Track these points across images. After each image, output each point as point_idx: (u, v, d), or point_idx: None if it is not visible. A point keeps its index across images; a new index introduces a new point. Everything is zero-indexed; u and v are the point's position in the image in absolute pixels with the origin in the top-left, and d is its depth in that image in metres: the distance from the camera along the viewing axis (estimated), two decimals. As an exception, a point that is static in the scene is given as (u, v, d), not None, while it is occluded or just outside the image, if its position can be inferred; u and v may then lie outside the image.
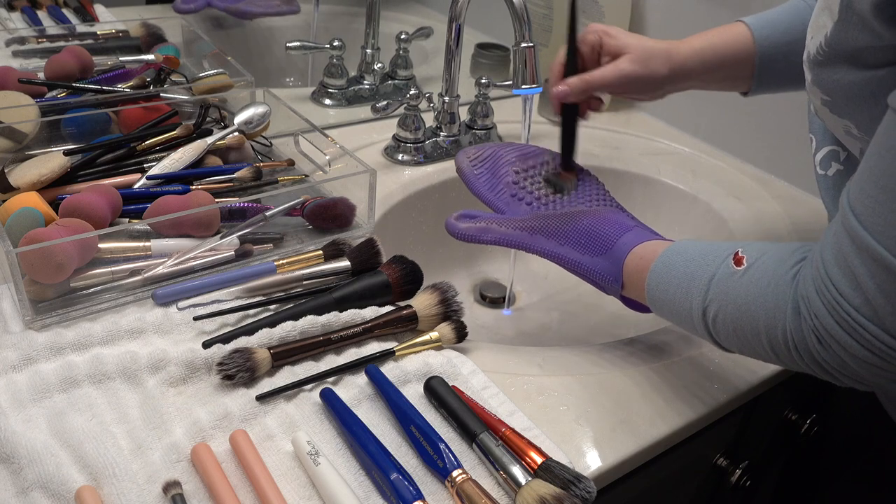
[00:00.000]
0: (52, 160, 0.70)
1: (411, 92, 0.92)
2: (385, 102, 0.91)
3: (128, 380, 0.56)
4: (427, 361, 0.60)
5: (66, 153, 0.72)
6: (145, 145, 0.77)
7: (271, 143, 0.87)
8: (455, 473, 0.49)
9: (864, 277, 0.43)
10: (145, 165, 0.76)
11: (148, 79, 0.90)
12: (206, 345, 0.59)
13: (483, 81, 0.98)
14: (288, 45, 1.04)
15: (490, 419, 0.55)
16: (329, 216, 0.75)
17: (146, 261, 0.66)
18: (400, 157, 0.94)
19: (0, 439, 0.50)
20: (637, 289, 0.60)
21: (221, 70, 0.93)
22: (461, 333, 0.63)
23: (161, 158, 0.76)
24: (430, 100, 0.94)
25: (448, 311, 0.64)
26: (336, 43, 1.04)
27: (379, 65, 1.10)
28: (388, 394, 0.56)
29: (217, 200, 0.72)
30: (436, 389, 0.56)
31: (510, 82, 0.85)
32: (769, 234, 0.88)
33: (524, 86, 0.82)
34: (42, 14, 1.08)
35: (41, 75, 0.88)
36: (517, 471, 0.50)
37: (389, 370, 0.59)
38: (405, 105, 0.92)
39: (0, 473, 0.49)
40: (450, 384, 0.57)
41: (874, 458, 0.74)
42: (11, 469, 0.49)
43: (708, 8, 1.00)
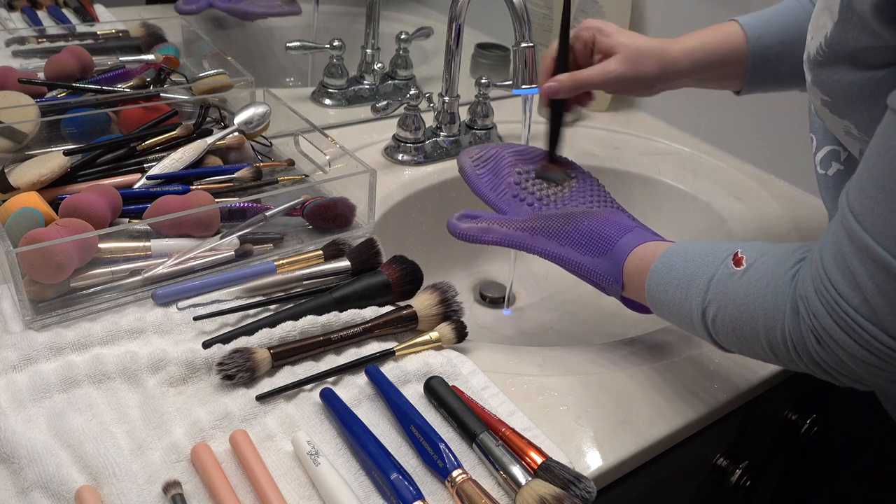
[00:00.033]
0: (52, 160, 0.70)
1: (411, 92, 0.92)
2: (385, 102, 0.91)
3: (128, 380, 0.56)
4: (427, 361, 0.60)
5: (66, 153, 0.72)
6: (145, 145, 0.77)
7: (271, 143, 0.87)
8: (455, 473, 0.49)
9: (863, 277, 0.43)
10: (145, 165, 0.76)
11: (148, 79, 0.90)
12: (206, 345, 0.59)
13: (483, 81, 0.98)
14: (288, 45, 1.04)
15: (490, 419, 0.55)
16: (329, 216, 0.75)
17: (146, 261, 0.66)
18: (400, 157, 0.94)
19: (0, 439, 0.50)
20: (637, 289, 0.61)
21: (221, 70, 0.93)
22: (461, 333, 0.63)
23: (161, 158, 0.76)
24: (430, 100, 0.94)
25: (448, 311, 0.64)
26: (336, 43, 1.04)
27: (379, 65, 1.10)
28: (388, 394, 0.56)
29: (217, 200, 0.72)
30: (436, 389, 0.56)
31: (510, 82, 0.85)
32: (769, 234, 0.88)
33: (524, 86, 0.83)
34: (42, 14, 1.08)
35: (41, 75, 0.88)
36: (517, 471, 0.50)
37: (389, 370, 0.59)
38: (405, 105, 0.92)
39: (0, 473, 0.49)
40: (450, 384, 0.57)
41: (874, 458, 0.74)
42: (11, 469, 0.49)
43: (708, 8, 1.00)
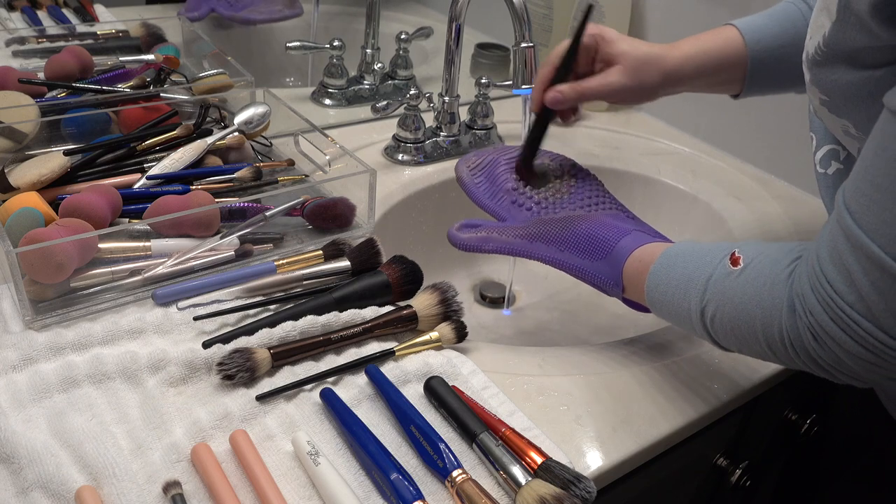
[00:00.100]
0: (52, 160, 0.70)
1: (411, 92, 0.92)
2: (385, 102, 0.91)
3: (128, 380, 0.56)
4: (427, 361, 0.60)
5: (66, 153, 0.72)
6: (145, 145, 0.78)
7: (271, 143, 0.87)
8: (455, 473, 0.49)
9: (859, 275, 0.43)
10: (145, 165, 0.76)
11: (148, 79, 0.90)
12: (206, 345, 0.59)
13: (483, 81, 0.98)
14: (288, 45, 1.04)
15: (490, 419, 0.55)
16: (329, 216, 0.76)
17: (146, 261, 0.66)
18: (400, 157, 0.94)
19: (0, 439, 0.50)
20: (637, 291, 0.61)
21: (221, 70, 0.93)
22: (461, 333, 0.63)
23: (161, 158, 0.76)
24: (430, 100, 0.94)
25: (448, 311, 0.64)
26: (336, 43, 1.04)
27: (379, 65, 1.10)
28: (388, 394, 0.56)
29: (217, 200, 0.72)
30: (436, 389, 0.56)
31: (510, 82, 0.85)
32: (769, 234, 0.88)
33: (524, 86, 0.83)
34: (42, 14, 1.08)
35: (41, 75, 0.88)
36: (517, 471, 0.50)
37: (389, 370, 0.59)
38: (405, 105, 0.92)
39: (0, 473, 0.49)
40: (450, 384, 0.57)
41: (874, 458, 0.74)
42: (11, 469, 0.49)
43: (708, 8, 1.00)
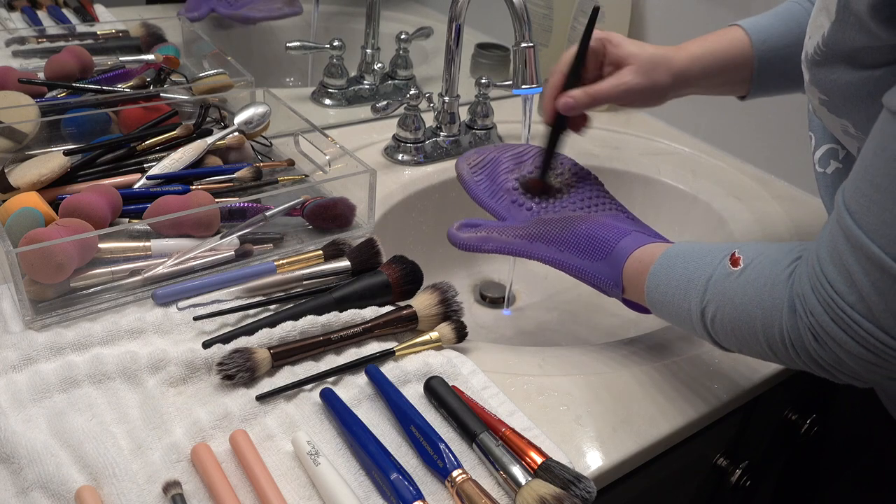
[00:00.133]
0: (52, 160, 0.70)
1: (411, 92, 0.92)
2: (385, 102, 0.91)
3: (128, 380, 0.56)
4: (427, 361, 0.60)
5: (66, 153, 0.72)
6: (145, 145, 0.78)
7: (271, 143, 0.87)
8: (455, 473, 0.49)
9: (859, 275, 0.43)
10: (145, 165, 0.76)
11: (148, 79, 0.90)
12: (206, 345, 0.59)
13: (483, 81, 0.98)
14: (288, 45, 1.04)
15: (490, 419, 0.55)
16: (329, 216, 0.75)
17: (146, 261, 0.66)
18: (400, 157, 0.94)
19: (0, 439, 0.50)
20: (637, 292, 0.61)
21: (221, 70, 0.93)
22: (461, 333, 0.63)
23: (161, 158, 0.76)
24: (430, 100, 0.93)
25: (448, 311, 0.64)
26: (336, 43, 1.04)
27: (379, 65, 1.10)
28: (388, 394, 0.56)
29: (217, 200, 0.72)
30: (436, 389, 0.56)
31: (510, 82, 0.85)
32: (769, 234, 0.88)
33: (524, 86, 0.83)
34: (42, 14, 1.08)
35: (41, 75, 0.88)
36: (517, 471, 0.50)
37: (389, 370, 0.59)
38: (405, 105, 0.92)
39: (0, 473, 0.49)
40: (450, 384, 0.57)
41: (874, 458, 0.74)
42: (11, 469, 0.49)
43: (708, 8, 1.00)
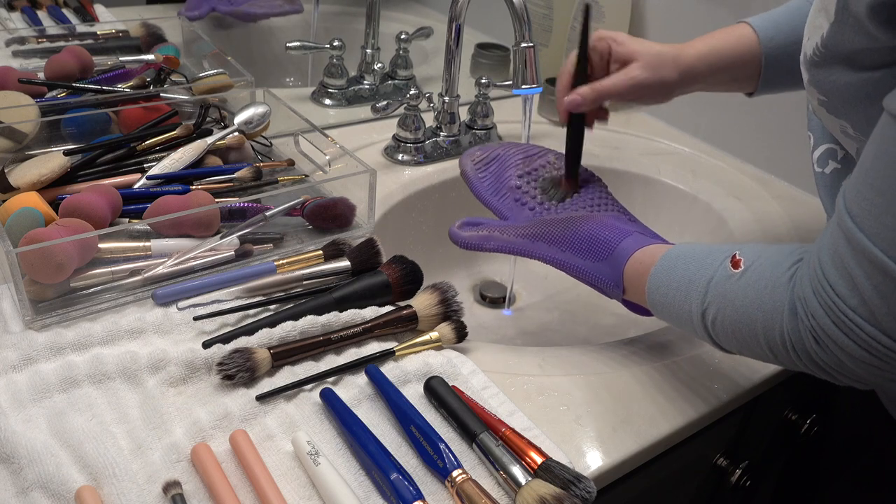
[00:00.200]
0: (52, 160, 0.70)
1: (411, 92, 0.92)
2: (385, 102, 0.91)
3: (128, 380, 0.56)
4: (427, 361, 0.60)
5: (66, 153, 0.72)
6: (145, 145, 0.78)
7: (271, 143, 0.87)
8: (455, 473, 0.49)
9: (861, 279, 0.43)
10: (145, 165, 0.76)
11: (148, 79, 0.90)
12: (206, 345, 0.59)
13: (483, 81, 0.98)
14: (288, 45, 1.04)
15: (490, 419, 0.55)
16: (329, 216, 0.76)
17: (146, 261, 0.66)
18: (400, 157, 0.94)
19: (0, 439, 0.50)
20: (638, 293, 0.61)
21: (221, 70, 0.93)
22: (461, 333, 0.63)
23: (161, 158, 0.76)
24: (430, 100, 0.94)
25: (448, 311, 0.64)
26: (336, 43, 1.04)
27: (379, 65, 1.10)
28: (388, 394, 0.56)
29: (217, 200, 0.72)
30: (436, 389, 0.56)
31: (510, 82, 0.85)
32: (769, 235, 0.88)
33: (524, 86, 0.82)
34: (42, 14, 1.08)
35: (41, 75, 0.88)
36: (517, 471, 0.50)
37: (389, 370, 0.59)
38: (405, 105, 0.92)
39: (0, 473, 0.49)
40: (450, 384, 0.57)
41: (874, 458, 0.74)
42: (11, 469, 0.49)
43: (708, 8, 1.00)
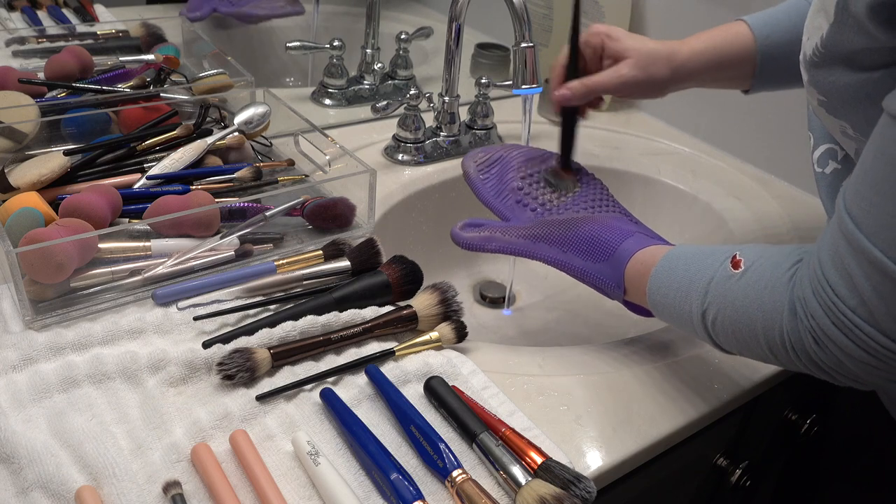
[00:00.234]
0: (52, 160, 0.70)
1: (411, 92, 0.92)
2: (385, 102, 0.91)
3: (128, 380, 0.56)
4: (427, 361, 0.60)
5: (66, 153, 0.72)
6: (145, 145, 0.78)
7: (271, 143, 0.87)
8: (455, 473, 0.49)
9: (860, 279, 0.43)
10: (145, 165, 0.76)
11: (148, 79, 0.90)
12: (206, 345, 0.59)
13: (483, 81, 0.98)
14: (288, 45, 1.04)
15: (490, 419, 0.55)
16: (329, 216, 0.76)
17: (146, 261, 0.66)
18: (400, 157, 0.94)
19: (0, 439, 0.50)
20: (639, 294, 0.61)
21: (221, 70, 0.93)
22: (461, 333, 0.63)
23: (161, 158, 0.76)
24: (430, 100, 0.93)
25: (448, 311, 0.64)
26: (336, 43, 1.04)
27: (379, 65, 1.10)
28: (388, 394, 0.56)
29: (217, 200, 0.72)
30: (436, 389, 0.56)
31: (510, 82, 0.84)
32: (769, 235, 0.88)
33: (524, 86, 0.82)
34: (42, 14, 1.08)
35: (41, 75, 0.88)
36: (517, 471, 0.50)
37: (389, 370, 0.59)
38: (405, 105, 0.92)
39: (0, 473, 0.49)
40: (450, 384, 0.57)
41: (874, 458, 0.74)
42: (11, 469, 0.49)
43: (708, 8, 1.00)
